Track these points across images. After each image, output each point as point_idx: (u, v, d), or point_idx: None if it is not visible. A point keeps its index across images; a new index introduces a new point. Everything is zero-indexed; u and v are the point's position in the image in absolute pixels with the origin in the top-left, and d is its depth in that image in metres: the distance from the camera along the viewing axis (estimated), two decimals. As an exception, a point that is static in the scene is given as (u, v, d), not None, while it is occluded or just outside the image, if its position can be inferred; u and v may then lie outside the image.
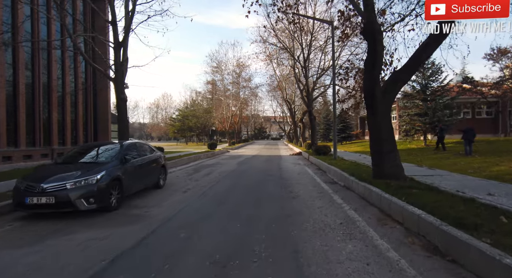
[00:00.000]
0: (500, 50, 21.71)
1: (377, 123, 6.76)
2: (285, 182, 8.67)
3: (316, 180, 9.13)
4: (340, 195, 6.67)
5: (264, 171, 11.49)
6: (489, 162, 11.47)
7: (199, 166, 13.67)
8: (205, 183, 8.52)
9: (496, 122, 24.04)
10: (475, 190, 5.59)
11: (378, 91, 6.65)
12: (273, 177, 9.78)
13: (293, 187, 7.86)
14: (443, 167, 10.35)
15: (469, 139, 13.76)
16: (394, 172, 6.69)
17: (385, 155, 6.71)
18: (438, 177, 7.43)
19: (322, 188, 7.59)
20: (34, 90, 18.28)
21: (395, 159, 6.71)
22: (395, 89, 6.93)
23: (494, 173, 8.65)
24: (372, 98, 6.71)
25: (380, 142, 6.76)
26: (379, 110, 6.69)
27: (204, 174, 10.82)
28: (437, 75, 19.36)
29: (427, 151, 16.75)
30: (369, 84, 6.72)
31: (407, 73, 6.92)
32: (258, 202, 6.10)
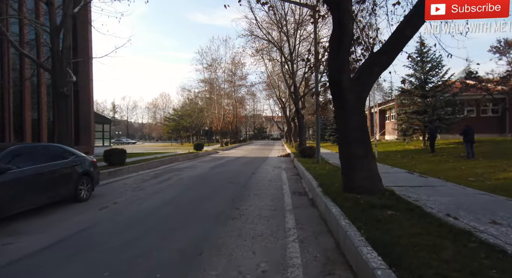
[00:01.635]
0: (507, 42, 19.91)
1: (345, 119, 5.18)
2: (243, 193, 7.12)
3: (283, 190, 7.56)
4: (298, 214, 5.10)
5: (231, 177, 9.94)
6: (494, 166, 9.82)
7: (165, 171, 12.17)
8: (143, 195, 7.00)
9: (503, 121, 22.17)
10: (473, 212, 3.99)
11: (346, 78, 5.07)
12: (235, 185, 8.22)
13: (247, 200, 6.29)
14: (439, 173, 8.72)
15: (471, 140, 12.08)
16: (367, 183, 5.10)
17: (355, 161, 5.13)
18: (429, 188, 5.81)
19: (282, 203, 6.01)
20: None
21: (369, 167, 5.11)
22: (370, 76, 5.33)
23: (500, 182, 7.02)
24: (338, 86, 5.13)
25: (349, 144, 5.18)
26: (348, 103, 5.12)
27: (159, 181, 9.30)
28: (437, 70, 17.65)
29: (425, 152, 15.06)
30: (334, 68, 5.14)
31: (387, 54, 5.31)
32: (183, 225, 4.57)
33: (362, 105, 5.25)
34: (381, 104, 30.57)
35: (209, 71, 36.71)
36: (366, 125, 5.29)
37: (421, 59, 18.07)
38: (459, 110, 17.90)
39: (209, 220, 4.81)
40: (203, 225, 4.58)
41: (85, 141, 24.25)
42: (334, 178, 7.33)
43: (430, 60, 17.73)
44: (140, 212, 5.39)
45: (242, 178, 9.75)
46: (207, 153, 24.37)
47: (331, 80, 5.17)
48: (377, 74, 5.43)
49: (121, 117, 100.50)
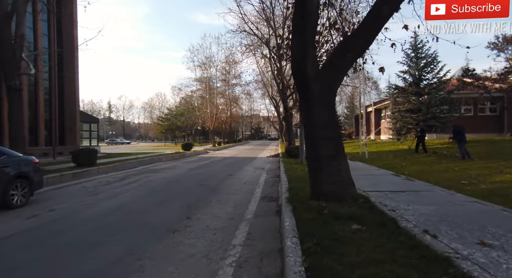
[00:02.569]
0: (505, 38, 19.09)
1: (310, 114, 4.38)
2: (207, 198, 6.32)
3: (254, 194, 6.76)
4: (255, 225, 4.30)
5: (205, 179, 9.14)
6: (491, 167, 9.03)
7: (139, 172, 11.36)
8: (93, 200, 6.19)
9: (501, 120, 21.38)
10: (458, 227, 3.19)
11: (311, 64, 4.27)
12: (204, 189, 7.43)
13: (206, 207, 5.49)
14: (430, 175, 7.94)
15: (463, 139, 11.31)
16: (337, 189, 4.30)
17: (323, 163, 4.34)
18: (412, 194, 5.01)
19: (244, 210, 5.21)
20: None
21: (339, 169, 4.31)
22: (343, 64, 4.53)
23: (495, 186, 6.23)
24: (302, 74, 4.33)
25: (316, 143, 4.39)
26: (313, 94, 4.32)
27: (125, 183, 8.49)
28: (432, 66, 16.87)
29: (419, 152, 14.26)
30: (297, 53, 4.34)
31: (363, 38, 4.51)
32: (110, 239, 3.76)
33: (331, 98, 4.45)
34: (376, 103, 29.78)
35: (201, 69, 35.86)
36: (337, 121, 4.49)
37: (415, 55, 17.30)
38: (455, 108, 17.11)
39: (146, 233, 4.01)
40: (135, 239, 3.77)
41: (70, 141, 23.44)
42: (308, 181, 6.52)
43: (425, 56, 16.95)
44: (71, 222, 4.59)
45: (217, 180, 8.94)
46: (196, 153, 23.57)
47: (294, 67, 4.37)
48: (351, 61, 4.64)
49: (117, 117, 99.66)
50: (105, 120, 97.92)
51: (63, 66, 23.01)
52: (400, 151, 15.66)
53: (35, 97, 20.71)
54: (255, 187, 7.75)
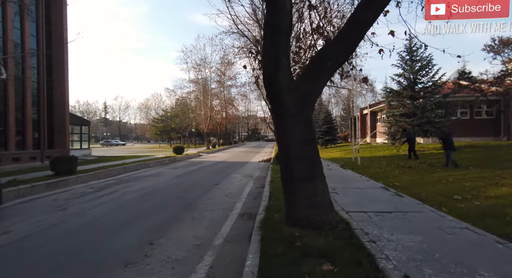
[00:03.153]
0: (502, 40, 18.75)
1: (284, 129, 3.92)
2: (180, 215, 5.85)
3: (233, 210, 6.31)
4: (221, 255, 3.84)
5: (187, 190, 8.67)
6: (486, 178, 8.62)
7: (121, 180, 10.87)
8: (54, 219, 5.70)
9: (497, 123, 21.07)
10: (446, 271, 2.73)
11: (284, 73, 3.82)
12: (181, 203, 6.96)
13: (176, 228, 5.02)
14: (421, 187, 7.52)
15: (451, 148, 10.95)
16: (313, 214, 3.85)
17: (297, 185, 3.88)
18: (399, 217, 4.55)
19: (215, 233, 4.74)
20: None
21: (315, 193, 3.86)
22: (321, 73, 4.07)
23: (490, 203, 5.80)
24: (274, 84, 3.88)
25: (290, 162, 3.92)
26: (287, 107, 3.86)
27: (99, 195, 8.00)
28: (427, 69, 16.48)
29: (413, 159, 13.84)
30: (269, 59, 3.88)
31: (344, 45, 4.06)
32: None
33: (308, 111, 3.98)
34: (372, 105, 29.41)
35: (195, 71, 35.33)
36: (314, 138, 4.03)
37: (410, 58, 16.91)
38: (451, 112, 16.73)
39: (89, 270, 3.52)
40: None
41: (60, 144, 22.92)
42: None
43: (420, 59, 16.55)
44: (12, 252, 4.09)
45: (199, 191, 8.46)
46: (188, 156, 23.08)
47: (265, 77, 3.90)
48: (330, 70, 4.18)
49: (113, 118, 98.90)
50: (101, 121, 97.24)
51: (52, 67, 22.51)
52: (394, 157, 15.25)
53: (22, 99, 20.16)
54: (236, 200, 7.29)
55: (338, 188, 7.16)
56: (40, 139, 21.30)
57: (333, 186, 7.46)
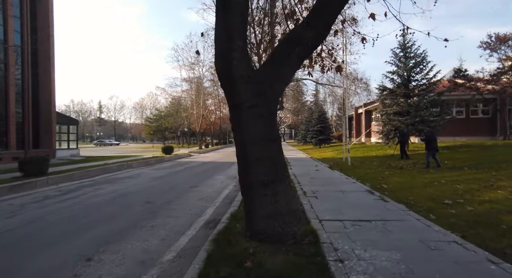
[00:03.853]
0: (498, 37, 18.25)
1: (241, 125, 3.32)
2: (142, 222, 5.24)
3: (202, 216, 5.71)
4: (168, 272, 3.24)
5: (161, 193, 8.06)
6: (480, 179, 8.07)
7: (95, 182, 10.24)
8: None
9: (493, 122, 20.59)
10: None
11: (238, 59, 3.21)
12: (149, 207, 6.35)
13: (128, 239, 4.40)
14: (410, 190, 6.95)
15: (432, 148, 10.47)
16: (274, 226, 3.25)
17: (255, 191, 3.27)
18: (378, 227, 3.95)
19: (171, 245, 4.14)
20: None
21: (275, 201, 3.26)
22: (287, 60, 3.47)
23: (483, 208, 5.23)
24: (226, 72, 3.27)
25: (247, 164, 3.33)
26: (243, 99, 3.26)
27: (63, 199, 7.38)
28: (421, 66, 15.92)
29: (405, 159, 13.29)
30: (220, 42, 3.26)
31: (314, 29, 3.45)
32: None
33: (270, 104, 3.38)
34: (367, 104, 28.88)
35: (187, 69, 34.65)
36: (277, 135, 3.42)
37: (404, 55, 16.35)
38: (446, 111, 16.20)
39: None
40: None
41: (46, 144, 22.26)
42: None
43: (414, 56, 15.99)
44: None
45: (173, 194, 7.85)
46: (177, 156, 22.42)
47: (216, 59, 3.29)
48: (299, 57, 3.57)
49: (109, 118, 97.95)
50: (96, 121, 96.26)
51: (37, 65, 21.83)
52: (387, 157, 14.69)
53: (5, 97, 19.46)
54: (209, 205, 6.68)
55: (319, 191, 6.57)
56: (25, 139, 20.59)
57: (314, 189, 6.87)
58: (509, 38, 17.75)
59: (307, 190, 6.76)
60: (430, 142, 10.63)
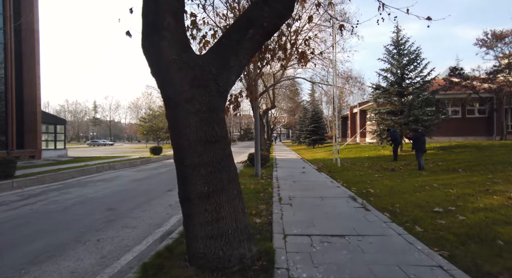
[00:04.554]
0: (495, 34, 17.71)
1: (175, 120, 2.69)
2: (92, 233, 4.60)
3: (162, 226, 5.07)
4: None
5: (130, 198, 7.41)
6: (475, 183, 7.49)
7: (69, 185, 9.58)
8: None
9: (490, 122, 20.08)
10: None
11: (168, 39, 2.57)
12: (107, 215, 5.71)
13: (58, 258, 3.75)
14: (398, 195, 6.34)
15: (420, 148, 9.94)
16: (216, 248, 2.62)
17: (195, 204, 2.64)
18: (352, 244, 3.33)
19: (109, 264, 3.50)
20: None
21: (218, 218, 2.63)
22: (238, 45, 2.84)
23: (477, 218, 4.63)
24: (156, 60, 2.63)
25: (184, 171, 2.70)
26: (177, 89, 2.63)
27: (20, 205, 6.72)
28: (415, 64, 15.35)
29: (399, 160, 12.70)
30: (147, 21, 2.62)
31: (271, 4, 2.83)
32: None
33: (213, 99, 2.73)
34: (362, 103, 28.32)
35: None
36: (221, 135, 2.78)
37: (397, 52, 15.76)
38: (440, 110, 15.63)
39: None
40: None
41: (30, 144, 21.53)
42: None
43: (407, 53, 15.41)
44: None
45: (141, 199, 7.20)
46: (165, 157, 21.72)
47: (143, 41, 2.64)
48: (252, 43, 2.94)
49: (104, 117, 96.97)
50: (91, 120, 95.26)
51: (22, 62, 21.12)
52: (380, 158, 14.11)
53: None
54: (176, 212, 6.03)
55: (296, 197, 5.94)
56: (8, 139, 19.85)
57: (292, 194, 6.24)
58: (506, 35, 17.21)
59: (284, 195, 6.13)
60: (416, 141, 10.10)
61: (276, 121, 51.39)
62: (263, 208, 5.09)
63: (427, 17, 2.91)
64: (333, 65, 12.67)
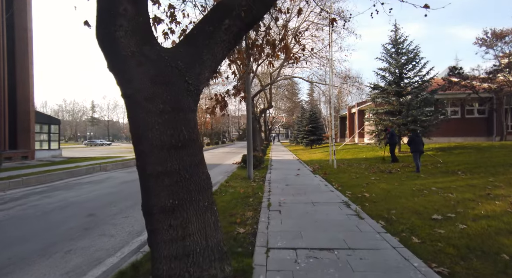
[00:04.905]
0: (495, 33, 17.40)
1: (136, 122, 2.35)
2: (57, 244, 4.24)
3: (143, 234, 4.71)
4: None
5: (118, 201, 7.07)
6: (476, 186, 7.18)
7: (54, 187, 9.24)
8: None
9: (490, 122, 19.78)
10: None
11: (123, 32, 2.22)
12: (84, 222, 5.36)
13: (15, 273, 3.40)
14: (395, 200, 6.01)
15: (420, 150, 9.65)
16: (180, 271, 2.26)
17: (158, 221, 2.30)
18: (341, 258, 3.00)
19: (69, 283, 3.15)
20: None
21: (184, 233, 2.29)
22: (212, 37, 2.50)
23: (479, 226, 4.29)
24: (112, 52, 2.29)
25: (147, 179, 2.35)
26: (136, 93, 2.28)
27: (-6, 211, 6.35)
28: (414, 63, 15.02)
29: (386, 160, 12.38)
30: (101, 7, 2.27)
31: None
32: None
33: (180, 98, 2.39)
34: (360, 103, 28.00)
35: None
36: (190, 138, 2.43)
37: (396, 51, 15.44)
38: (439, 110, 15.31)
39: None
40: None
41: (24, 145, 21.18)
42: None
43: (406, 52, 15.09)
44: None
45: (125, 204, 6.86)
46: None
47: (97, 30, 2.30)
48: (227, 35, 2.59)
49: (102, 117, 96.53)
50: (89, 120, 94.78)
51: (14, 61, 20.74)
52: (377, 159, 13.78)
53: None
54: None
55: (287, 203, 5.60)
56: (0, 139, 19.49)
57: (283, 199, 5.91)
58: (506, 34, 16.90)
59: (274, 201, 5.79)
60: (413, 142, 9.80)
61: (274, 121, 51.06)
62: (250, 216, 4.75)
63: (424, 4, 2.57)
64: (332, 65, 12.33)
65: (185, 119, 2.41)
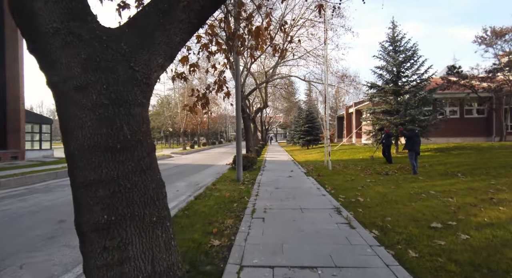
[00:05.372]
0: (494, 31, 17.01)
1: (65, 125, 1.87)
2: (12, 257, 3.77)
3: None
4: None
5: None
6: (478, 190, 6.75)
7: (33, 190, 8.81)
8: None
9: (489, 122, 19.38)
10: None
11: (42, 3, 1.74)
12: (50, 230, 4.90)
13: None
14: (391, 205, 5.57)
15: (413, 149, 9.21)
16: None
17: (90, 239, 1.83)
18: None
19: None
20: None
21: (122, 256, 1.82)
22: (166, 17, 2.03)
23: (483, 236, 3.86)
24: (29, 27, 1.81)
25: (77, 191, 1.88)
26: (64, 81, 1.81)
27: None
28: (412, 61, 14.60)
29: (394, 162, 11.95)
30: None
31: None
32: None
33: (124, 88, 1.93)
34: (357, 103, 27.58)
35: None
36: (132, 139, 1.96)
37: (393, 49, 15.02)
38: (438, 110, 14.90)
39: None
40: None
41: (13, 145, 20.61)
42: (188, 230, 4.05)
43: (403, 50, 14.67)
44: None
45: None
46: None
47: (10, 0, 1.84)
48: (190, 14, 2.12)
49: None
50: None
51: (4, 59, 20.21)
52: (374, 160, 13.34)
53: None
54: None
55: (273, 209, 5.14)
56: (-12, 139, 18.97)
57: (269, 205, 5.45)
58: (506, 32, 16.52)
59: (260, 206, 5.33)
60: (409, 140, 9.38)
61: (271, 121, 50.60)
62: (229, 224, 4.29)
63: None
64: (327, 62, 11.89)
65: (127, 115, 1.94)
